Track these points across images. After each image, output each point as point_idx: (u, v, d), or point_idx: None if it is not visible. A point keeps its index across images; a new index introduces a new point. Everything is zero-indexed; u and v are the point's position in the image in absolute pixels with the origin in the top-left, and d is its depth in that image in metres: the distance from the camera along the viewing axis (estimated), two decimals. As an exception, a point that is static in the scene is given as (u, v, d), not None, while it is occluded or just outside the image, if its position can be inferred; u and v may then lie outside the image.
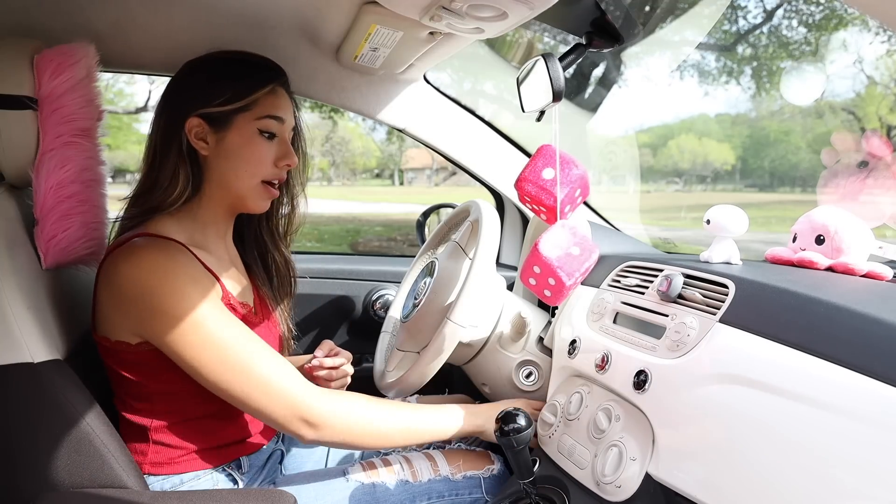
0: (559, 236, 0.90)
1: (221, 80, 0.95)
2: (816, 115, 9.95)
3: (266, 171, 0.97)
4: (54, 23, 1.08)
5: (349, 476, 0.99)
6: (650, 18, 4.52)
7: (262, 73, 0.97)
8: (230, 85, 0.94)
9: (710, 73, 9.91)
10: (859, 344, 0.61)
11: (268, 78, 0.97)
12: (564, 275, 0.86)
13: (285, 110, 0.99)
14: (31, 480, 0.80)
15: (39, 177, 0.89)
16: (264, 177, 0.97)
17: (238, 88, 0.94)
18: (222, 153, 0.95)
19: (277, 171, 0.98)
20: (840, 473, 0.57)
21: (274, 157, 0.97)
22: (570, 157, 0.96)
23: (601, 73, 4.59)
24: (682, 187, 14.54)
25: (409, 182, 21.30)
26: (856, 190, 0.92)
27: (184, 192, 0.93)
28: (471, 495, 1.01)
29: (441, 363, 0.99)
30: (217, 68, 0.97)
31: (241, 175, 0.96)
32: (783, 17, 8.15)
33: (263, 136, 0.96)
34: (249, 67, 0.98)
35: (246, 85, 0.95)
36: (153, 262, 0.85)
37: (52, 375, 0.82)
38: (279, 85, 0.99)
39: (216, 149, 0.95)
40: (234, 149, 0.95)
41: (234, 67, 0.97)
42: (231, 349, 0.84)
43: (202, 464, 0.94)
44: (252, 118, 0.95)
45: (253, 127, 0.95)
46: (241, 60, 0.99)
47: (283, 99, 0.99)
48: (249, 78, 0.96)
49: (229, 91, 0.94)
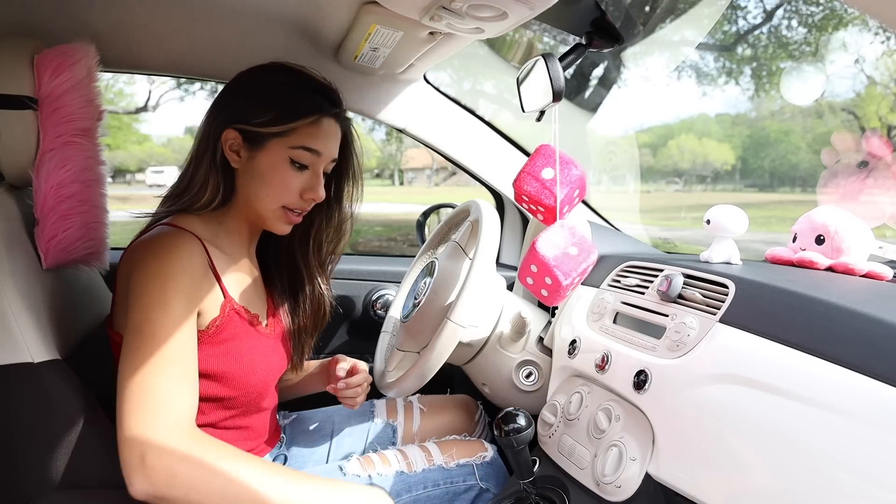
0: (557, 236, 0.90)
1: (267, 100, 0.92)
2: (816, 115, 9.94)
3: (289, 200, 0.94)
4: (54, 23, 1.08)
5: (345, 470, 1.00)
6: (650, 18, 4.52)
7: (311, 101, 0.93)
8: (274, 107, 0.91)
9: (709, 73, 9.91)
10: (859, 344, 0.61)
11: (314, 108, 0.93)
12: (561, 274, 0.86)
13: (325, 143, 0.94)
14: (32, 480, 0.80)
15: (39, 177, 0.89)
16: (286, 204, 0.94)
17: (280, 112, 0.91)
18: (250, 171, 0.93)
19: (301, 202, 0.95)
20: (840, 473, 0.57)
21: (301, 188, 0.94)
22: (570, 158, 0.96)
23: (601, 73, 4.59)
24: (682, 187, 14.53)
25: (409, 182, 21.29)
26: (856, 190, 0.92)
27: (212, 199, 0.92)
28: (465, 482, 1.02)
29: (441, 363, 0.99)
30: (268, 85, 0.94)
31: (263, 197, 0.93)
32: (783, 18, 8.15)
33: (294, 165, 0.92)
34: (301, 92, 0.93)
35: (288, 111, 0.91)
36: (163, 248, 0.83)
37: (52, 375, 0.82)
38: (328, 116, 0.94)
39: (246, 165, 0.93)
40: (261, 170, 0.92)
41: (285, 89, 0.93)
42: (150, 344, 0.77)
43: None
44: (286, 145, 0.91)
45: (285, 154, 0.92)
46: (296, 83, 0.94)
47: (326, 131, 0.94)
48: (295, 104, 0.92)
49: (271, 113, 0.90)
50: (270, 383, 0.99)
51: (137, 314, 0.79)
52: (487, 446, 1.09)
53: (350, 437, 1.18)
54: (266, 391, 0.98)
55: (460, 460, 1.05)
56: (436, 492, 1.01)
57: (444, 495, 1.01)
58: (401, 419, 1.22)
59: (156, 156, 19.39)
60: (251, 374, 0.92)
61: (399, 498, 0.99)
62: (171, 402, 0.75)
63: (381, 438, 1.20)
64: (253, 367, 0.92)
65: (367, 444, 1.18)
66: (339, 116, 0.98)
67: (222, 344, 0.89)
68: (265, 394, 0.98)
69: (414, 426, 1.21)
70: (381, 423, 1.21)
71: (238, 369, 0.91)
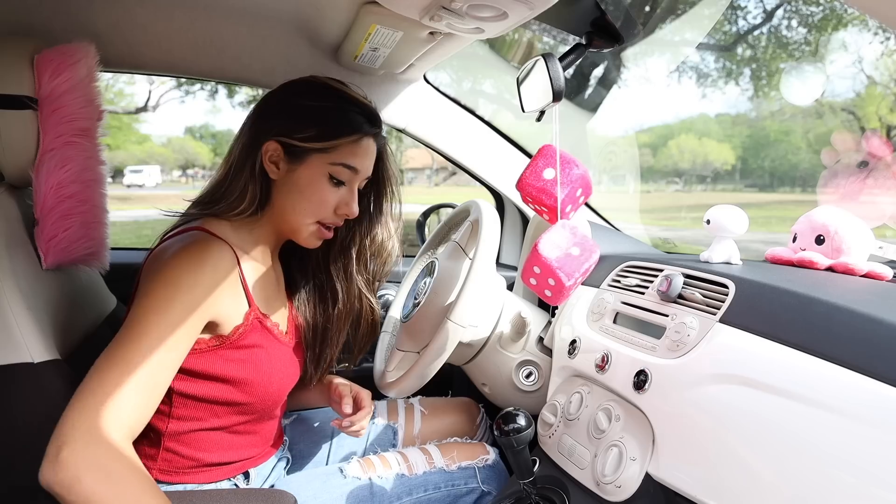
0: (559, 236, 0.90)
1: (311, 116, 0.93)
2: (816, 115, 9.94)
3: (324, 214, 0.95)
4: (54, 23, 1.08)
5: (346, 473, 1.00)
6: (650, 18, 4.52)
7: (354, 120, 0.94)
8: (317, 124, 0.92)
9: (709, 73, 9.91)
10: (859, 344, 0.61)
11: (357, 128, 0.94)
12: (564, 275, 0.86)
13: (363, 161, 0.96)
14: (32, 480, 0.80)
15: (39, 177, 0.89)
16: (321, 219, 0.95)
17: (324, 129, 0.92)
18: (288, 183, 0.93)
19: (335, 217, 0.96)
20: (840, 473, 0.57)
21: (336, 204, 0.95)
22: (571, 157, 0.96)
23: (601, 73, 4.59)
24: (682, 187, 14.53)
25: (409, 182, 21.29)
26: (856, 190, 0.92)
27: (248, 208, 0.92)
28: (466, 485, 1.02)
29: (441, 363, 0.99)
30: (312, 100, 0.94)
31: (299, 211, 0.94)
32: (783, 18, 8.15)
33: (332, 181, 0.93)
34: (344, 111, 0.94)
35: (332, 129, 0.92)
36: (191, 257, 0.82)
37: (52, 375, 0.82)
38: (368, 136, 0.96)
39: (284, 177, 0.93)
40: (300, 184, 0.93)
41: (329, 105, 0.94)
42: (131, 346, 0.75)
43: (210, 476, 0.93)
44: (326, 161, 0.92)
45: (325, 169, 0.93)
46: (340, 99, 0.95)
47: (365, 149, 0.96)
48: (339, 122, 0.93)
49: (314, 129, 0.91)
50: (286, 391, 0.99)
51: (136, 310, 0.78)
52: (489, 449, 1.09)
53: (350, 438, 1.18)
54: (281, 399, 0.98)
55: (462, 463, 1.04)
56: (437, 494, 1.00)
57: (446, 498, 1.01)
58: (402, 421, 1.21)
59: (156, 155, 19.40)
60: (269, 382, 0.92)
61: (399, 500, 0.98)
62: (115, 410, 0.72)
63: (381, 440, 1.19)
64: (271, 375, 0.93)
65: (367, 445, 1.18)
66: (378, 136, 0.99)
67: (244, 350, 0.89)
68: (280, 401, 0.98)
69: (415, 428, 1.21)
70: (381, 425, 1.21)
71: (257, 376, 0.91)
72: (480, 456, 1.06)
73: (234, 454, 0.95)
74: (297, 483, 0.99)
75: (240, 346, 0.89)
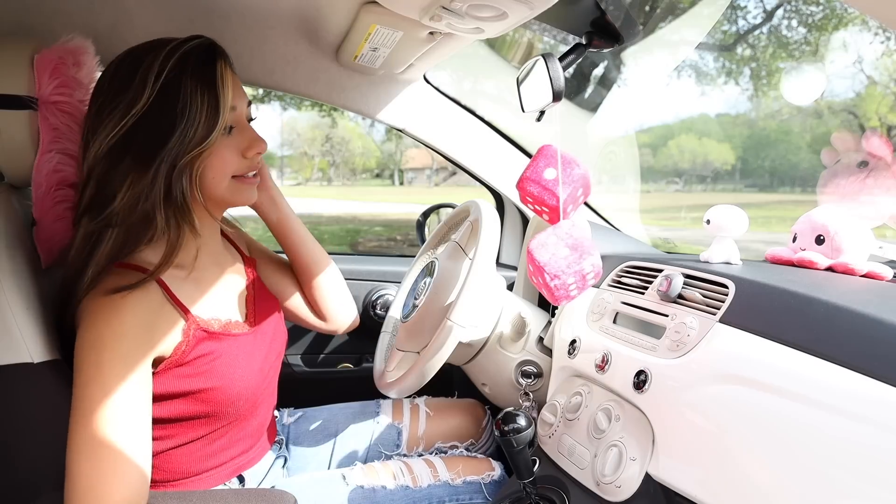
0: (550, 237, 0.90)
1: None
2: (816, 115, 9.95)
3: (236, 167, 0.87)
4: (54, 22, 1.08)
5: (349, 480, 0.99)
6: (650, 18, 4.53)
7: (187, 66, 0.83)
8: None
9: (709, 73, 9.92)
10: (859, 344, 0.61)
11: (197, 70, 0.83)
12: (548, 276, 0.86)
13: (235, 94, 0.86)
14: (31, 480, 0.80)
15: (39, 177, 0.89)
16: (234, 172, 0.88)
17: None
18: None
19: (249, 161, 0.89)
20: (840, 473, 0.57)
21: (238, 150, 0.87)
22: (572, 157, 0.96)
23: (601, 73, 4.59)
24: (682, 187, 14.54)
25: (409, 182, 21.30)
26: (856, 190, 0.92)
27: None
28: (471, 500, 1.01)
29: (441, 363, 0.99)
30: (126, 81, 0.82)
31: (212, 185, 0.86)
32: (783, 18, 8.15)
33: (222, 133, 0.84)
34: (178, 68, 0.82)
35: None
36: (104, 310, 0.78)
37: (52, 375, 0.81)
38: (211, 66, 0.84)
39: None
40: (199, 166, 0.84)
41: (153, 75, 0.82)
42: (91, 423, 0.74)
43: (201, 485, 0.91)
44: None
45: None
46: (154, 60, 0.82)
47: (221, 80, 0.84)
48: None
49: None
50: (259, 385, 0.93)
51: (77, 387, 0.76)
52: (495, 465, 1.08)
53: (354, 438, 1.18)
54: (252, 396, 0.92)
55: (467, 477, 1.03)
56: None
57: None
58: (406, 421, 1.20)
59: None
60: (230, 385, 0.88)
61: None
62: (110, 488, 0.72)
63: (385, 440, 1.19)
64: (231, 377, 0.88)
65: (370, 445, 1.18)
66: (215, 53, 0.86)
67: (191, 364, 0.85)
68: (252, 399, 0.92)
69: (419, 429, 1.20)
70: (385, 425, 1.20)
71: (215, 383, 0.86)
72: (486, 472, 1.05)
73: (220, 458, 0.93)
74: (298, 486, 0.98)
75: (185, 363, 0.84)
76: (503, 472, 1.07)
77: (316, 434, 1.18)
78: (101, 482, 0.72)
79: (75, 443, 0.73)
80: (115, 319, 0.78)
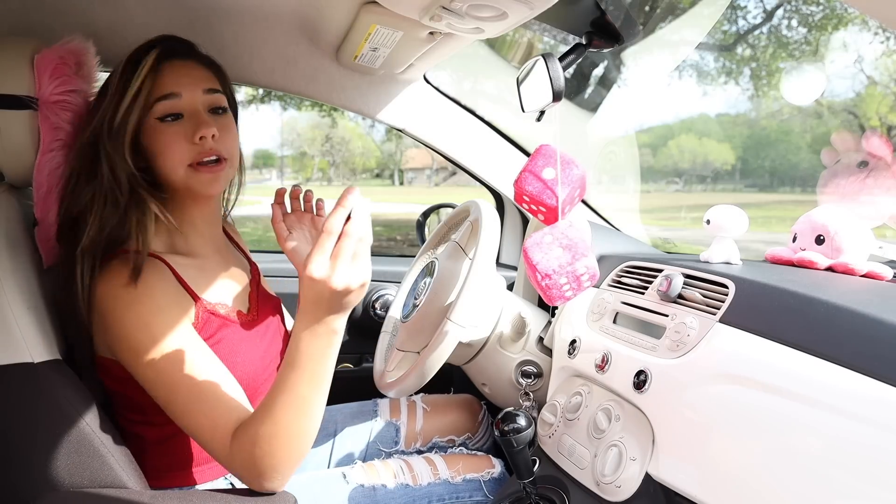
0: (545, 237, 0.90)
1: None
2: (816, 115, 9.95)
3: (185, 154, 0.88)
4: (54, 23, 1.08)
5: (349, 478, 0.99)
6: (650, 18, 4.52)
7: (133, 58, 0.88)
8: (102, 94, 0.88)
9: (709, 73, 9.92)
10: (859, 344, 0.61)
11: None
12: (539, 275, 0.86)
13: (177, 83, 0.88)
14: (31, 480, 0.80)
15: (39, 177, 0.89)
16: (189, 161, 0.88)
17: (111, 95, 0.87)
18: (149, 160, 0.89)
19: (200, 147, 0.88)
20: (839, 473, 0.57)
21: (187, 137, 0.88)
22: (570, 157, 0.96)
23: (601, 73, 4.59)
24: (682, 187, 14.54)
25: (409, 182, 21.29)
26: (856, 190, 0.92)
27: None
28: (471, 498, 1.01)
29: (441, 363, 0.99)
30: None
31: (166, 170, 0.89)
32: (783, 18, 8.15)
33: (164, 121, 0.88)
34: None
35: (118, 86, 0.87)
36: (119, 279, 0.82)
37: (52, 375, 0.81)
38: (160, 59, 0.88)
39: (135, 158, 0.88)
40: (146, 154, 0.89)
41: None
42: (175, 378, 0.80)
43: (201, 477, 0.92)
44: (142, 115, 0.87)
45: (149, 121, 0.87)
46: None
47: (168, 72, 0.88)
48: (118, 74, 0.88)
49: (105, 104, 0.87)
50: (258, 376, 0.94)
51: (145, 368, 0.80)
52: (495, 462, 1.08)
53: (353, 436, 1.18)
54: (256, 385, 0.93)
55: (467, 475, 1.03)
56: None
57: None
58: (404, 418, 1.21)
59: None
60: (233, 371, 0.88)
61: None
62: (209, 412, 0.79)
63: (383, 437, 1.19)
64: (233, 363, 0.89)
65: (369, 442, 1.18)
66: (171, 46, 0.90)
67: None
68: (255, 388, 0.93)
69: (417, 425, 1.21)
70: (383, 422, 1.21)
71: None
72: (486, 469, 1.05)
73: None
74: (298, 485, 0.98)
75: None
76: (503, 469, 1.07)
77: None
78: (214, 419, 0.78)
79: (177, 404, 0.80)
80: (147, 297, 0.82)
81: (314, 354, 0.74)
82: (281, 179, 21.32)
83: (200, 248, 0.96)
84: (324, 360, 0.75)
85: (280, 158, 21.76)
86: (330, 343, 0.74)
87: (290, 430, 0.76)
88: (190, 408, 0.79)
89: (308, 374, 0.74)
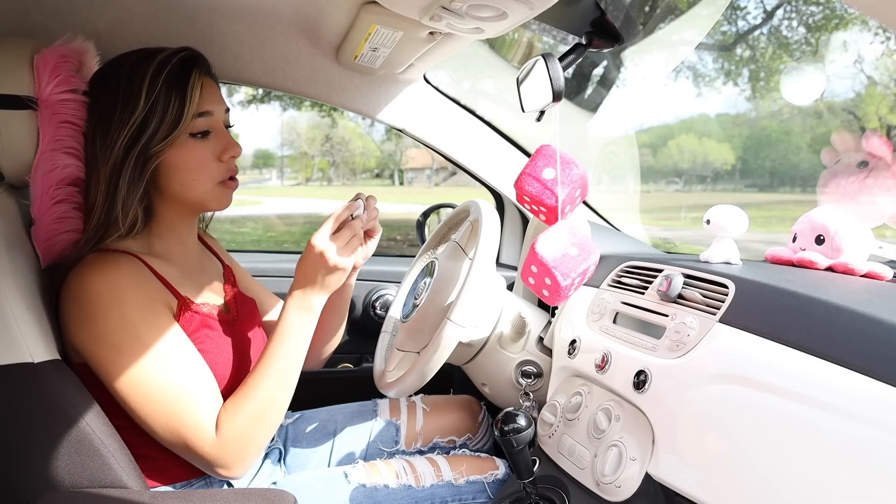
0: (557, 236, 0.90)
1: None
2: (816, 115, 9.95)
3: (214, 172, 0.92)
4: (54, 23, 1.08)
5: (350, 478, 0.99)
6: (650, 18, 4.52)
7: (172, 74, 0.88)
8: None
9: (709, 73, 9.93)
10: (859, 344, 0.61)
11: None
12: (560, 275, 0.86)
13: (210, 101, 0.91)
14: (31, 480, 0.80)
15: (37, 177, 0.89)
16: (216, 179, 0.93)
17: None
18: (164, 173, 0.90)
19: (227, 166, 0.93)
20: (840, 473, 0.57)
21: (216, 154, 0.92)
22: (571, 157, 0.96)
23: (601, 73, 4.59)
24: (682, 187, 14.53)
25: (409, 182, 21.29)
26: (856, 190, 0.92)
27: (136, 221, 0.89)
28: (475, 500, 1.01)
29: (441, 363, 0.99)
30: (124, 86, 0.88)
31: (193, 186, 0.91)
32: (783, 18, 8.15)
33: (196, 138, 0.90)
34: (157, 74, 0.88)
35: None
36: (98, 273, 0.83)
37: (51, 375, 0.81)
38: (193, 75, 0.89)
39: (156, 171, 0.90)
40: (174, 165, 0.90)
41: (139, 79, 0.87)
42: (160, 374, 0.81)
43: (193, 472, 0.91)
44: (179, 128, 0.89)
45: (184, 135, 0.89)
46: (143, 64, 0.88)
47: (204, 89, 0.90)
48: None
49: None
50: (240, 375, 0.92)
51: (112, 353, 0.81)
52: (499, 463, 1.07)
53: (352, 437, 1.18)
54: (236, 382, 0.91)
55: (470, 477, 1.03)
56: None
57: None
58: (404, 418, 1.21)
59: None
60: (213, 369, 0.89)
61: None
62: (196, 406, 0.82)
63: (383, 437, 1.19)
64: (215, 361, 0.90)
65: (370, 442, 1.18)
66: (204, 66, 0.92)
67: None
68: (234, 385, 0.91)
69: (417, 425, 1.20)
70: (383, 422, 1.20)
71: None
72: (490, 471, 1.05)
73: None
74: (299, 484, 0.98)
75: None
76: (507, 470, 1.07)
77: (314, 434, 1.18)
78: (200, 414, 0.83)
79: (158, 403, 0.82)
80: (128, 295, 0.83)
81: (300, 328, 0.88)
82: (281, 180, 21.33)
83: (179, 254, 0.98)
84: (305, 335, 0.89)
85: (280, 158, 21.77)
86: (312, 320, 0.89)
87: (277, 404, 0.86)
88: (174, 406, 0.82)
89: (293, 347, 0.87)
